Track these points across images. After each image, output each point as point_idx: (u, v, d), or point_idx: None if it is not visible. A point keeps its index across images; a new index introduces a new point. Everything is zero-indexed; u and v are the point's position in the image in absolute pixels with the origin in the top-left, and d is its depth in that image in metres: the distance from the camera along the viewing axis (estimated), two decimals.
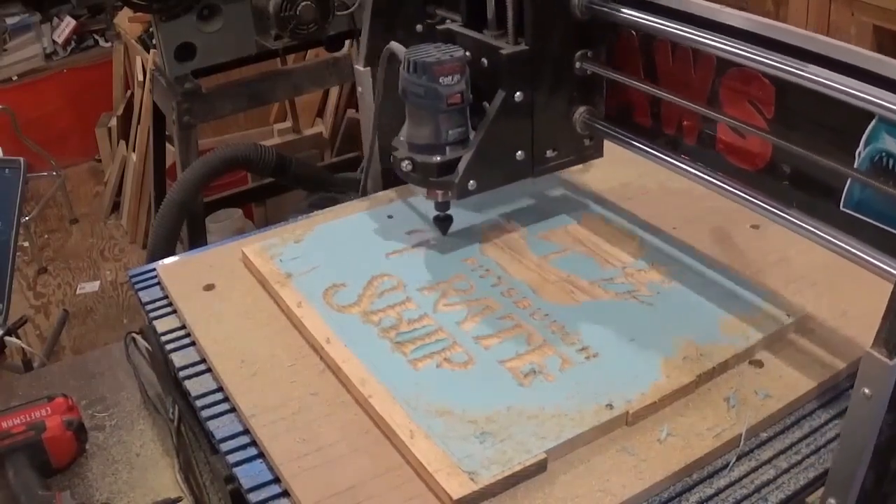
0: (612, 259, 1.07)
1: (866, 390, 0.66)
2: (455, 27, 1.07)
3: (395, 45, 1.06)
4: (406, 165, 1.02)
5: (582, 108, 1.06)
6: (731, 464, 0.81)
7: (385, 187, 1.27)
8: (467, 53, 1.00)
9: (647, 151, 1.00)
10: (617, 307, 0.98)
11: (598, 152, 1.12)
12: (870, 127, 0.78)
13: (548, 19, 1.00)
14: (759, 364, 0.91)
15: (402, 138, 1.03)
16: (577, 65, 1.04)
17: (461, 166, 1.00)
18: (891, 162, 0.78)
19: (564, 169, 1.12)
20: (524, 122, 1.03)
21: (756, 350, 0.92)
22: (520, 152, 1.04)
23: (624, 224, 1.14)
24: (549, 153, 1.07)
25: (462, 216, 1.17)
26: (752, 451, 0.83)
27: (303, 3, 1.95)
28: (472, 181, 1.01)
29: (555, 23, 1.00)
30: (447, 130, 1.00)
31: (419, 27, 1.21)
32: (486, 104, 1.01)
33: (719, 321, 0.95)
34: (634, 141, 1.02)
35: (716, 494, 0.79)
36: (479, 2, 1.04)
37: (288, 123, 3.08)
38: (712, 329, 0.93)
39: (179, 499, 0.97)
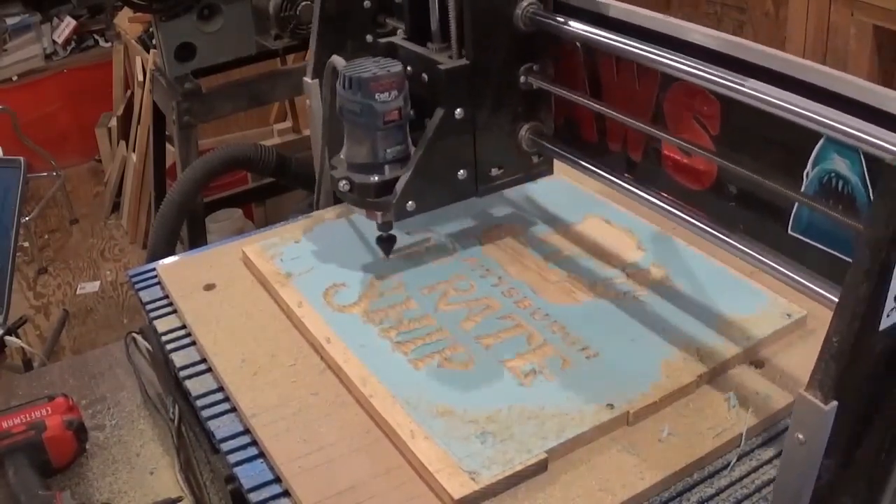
0: (612, 259, 1.07)
1: (800, 436, 0.61)
2: (397, 40, 1.04)
3: (335, 59, 1.03)
4: (343, 185, 0.98)
5: (528, 125, 1.03)
6: (731, 463, 0.81)
7: (336, 202, 1.23)
8: (408, 68, 0.97)
9: (594, 172, 0.96)
10: (617, 307, 0.98)
11: (548, 169, 1.08)
12: (818, 146, 0.75)
13: (489, 31, 0.95)
14: (760, 364, 0.91)
15: (341, 156, 1.00)
16: (522, 79, 1.00)
17: (399, 186, 0.97)
18: (840, 183, 0.74)
19: (513, 187, 1.08)
20: (466, 139, 0.99)
21: (756, 350, 0.92)
22: (462, 171, 1.01)
23: (624, 224, 1.14)
24: (494, 171, 1.03)
25: (462, 216, 1.17)
26: (752, 450, 0.83)
27: (303, 3, 1.95)
28: (410, 202, 0.97)
29: (497, 35, 0.96)
30: (385, 149, 0.96)
31: (369, 37, 1.16)
32: (427, 121, 0.98)
33: (720, 321, 0.95)
34: (581, 161, 0.97)
35: (716, 494, 0.79)
36: (423, 14, 1.00)
37: (288, 123, 3.08)
38: (712, 329, 0.93)
39: (180, 499, 0.97)
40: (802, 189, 0.78)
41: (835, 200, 0.75)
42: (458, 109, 0.97)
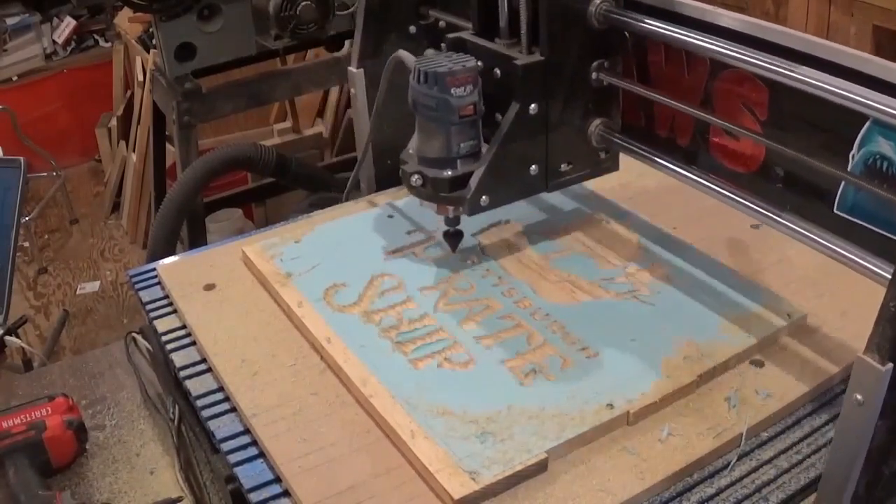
0: (612, 259, 1.07)
1: (858, 396, 0.65)
2: (466, 35, 1.03)
3: (403, 54, 1.03)
4: (416, 180, 0.98)
5: (598, 121, 1.03)
6: (731, 463, 0.81)
7: (379, 189, 1.25)
8: (479, 63, 0.97)
9: (666, 166, 0.97)
10: (617, 307, 0.98)
11: (614, 165, 1.08)
12: (863, 129, 0.78)
13: (564, 28, 0.96)
14: (760, 364, 0.91)
15: (410, 151, 1.00)
16: (594, 76, 1.00)
17: (473, 181, 0.97)
18: (885, 165, 0.77)
19: (579, 183, 1.08)
20: (538, 135, 1.00)
21: (756, 350, 0.92)
22: (534, 166, 1.01)
23: (624, 224, 1.14)
24: (563, 167, 1.04)
25: (462, 216, 1.17)
26: (752, 450, 0.83)
27: (303, 3, 1.95)
28: (484, 197, 0.98)
29: (571, 32, 0.97)
30: (459, 143, 0.96)
31: (412, 28, 1.18)
32: (498, 116, 0.98)
33: (720, 321, 0.95)
34: (653, 156, 0.99)
35: (717, 494, 0.79)
36: (491, 10, 1.01)
37: (288, 123, 3.08)
38: (713, 329, 0.93)
39: (180, 499, 0.97)
40: (848, 170, 0.81)
41: (879, 181, 0.77)
42: (533, 105, 0.97)
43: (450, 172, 0.97)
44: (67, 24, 3.95)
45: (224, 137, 3.03)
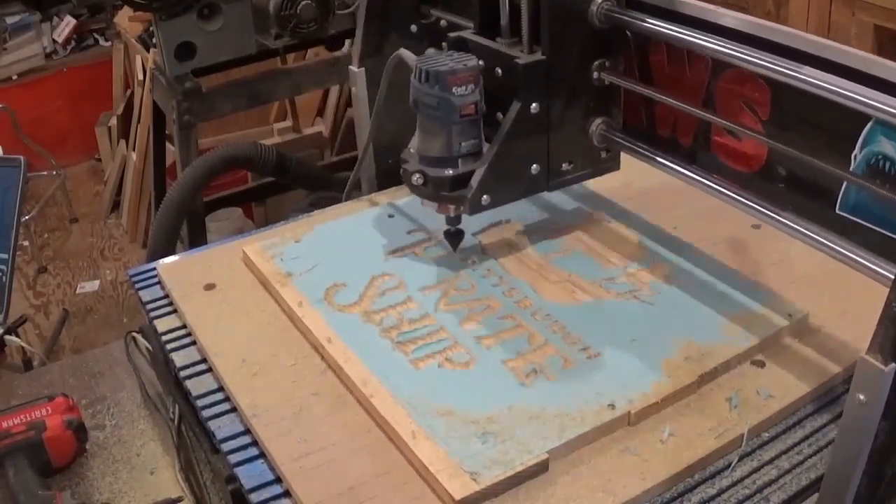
0: (613, 259, 1.07)
1: (861, 396, 0.65)
2: (467, 35, 1.04)
3: (404, 53, 1.03)
4: (417, 179, 0.98)
5: (599, 120, 1.03)
6: (733, 464, 0.81)
7: (380, 188, 1.25)
8: (480, 62, 0.97)
9: (667, 166, 0.97)
10: (618, 307, 0.98)
11: (615, 165, 1.08)
12: (866, 129, 0.77)
13: (565, 28, 0.96)
14: (761, 364, 0.91)
15: (411, 150, 1.00)
16: (595, 75, 1.00)
17: (474, 180, 0.97)
18: (887, 165, 0.77)
19: (580, 182, 1.08)
20: (540, 134, 1.00)
21: (757, 350, 0.92)
22: (535, 166, 1.01)
23: (624, 224, 1.14)
24: (564, 166, 1.04)
25: (462, 215, 1.17)
26: (754, 451, 0.83)
27: (303, 3, 1.95)
28: (485, 196, 0.98)
29: (572, 31, 0.97)
30: (460, 143, 0.96)
31: (414, 27, 1.18)
32: (499, 115, 0.98)
33: (720, 321, 0.94)
34: (655, 155, 0.99)
35: (718, 495, 0.79)
36: (492, 9, 1.00)
37: (288, 123, 3.08)
38: (714, 329, 0.93)
39: (180, 499, 0.97)
40: (851, 170, 0.80)
41: (882, 181, 0.77)
42: (534, 104, 0.97)
43: (451, 171, 0.97)
44: (67, 24, 3.95)
45: (224, 137, 3.02)
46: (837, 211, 0.83)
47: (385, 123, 1.17)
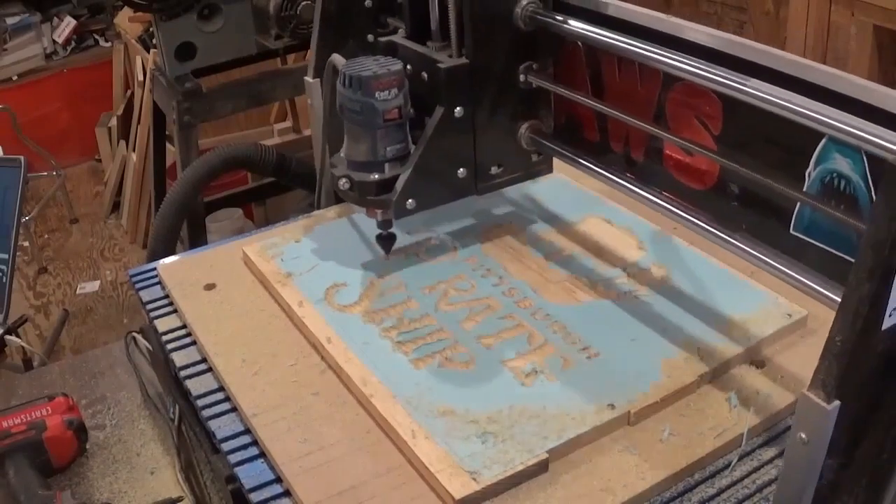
0: (613, 259, 1.07)
1: (803, 435, 0.62)
2: (398, 39, 1.04)
3: (335, 58, 1.03)
4: (343, 183, 0.98)
5: (527, 124, 1.03)
6: (732, 463, 0.81)
7: (337, 202, 1.23)
8: (408, 67, 0.97)
9: (593, 170, 0.96)
10: (618, 307, 0.98)
11: (547, 168, 1.08)
12: (820, 146, 0.75)
13: (489, 30, 0.96)
14: (761, 364, 0.91)
15: (341, 155, 1.00)
16: (522, 78, 1.00)
17: (399, 184, 0.97)
18: (842, 183, 0.74)
19: (513, 186, 1.08)
20: (465, 138, 1.00)
21: (757, 350, 0.92)
22: (461, 169, 1.01)
23: (625, 223, 1.14)
24: (493, 170, 1.04)
25: (462, 215, 1.17)
26: (753, 450, 0.83)
27: (303, 3, 1.95)
28: (411, 200, 0.98)
29: (497, 34, 0.96)
30: (385, 147, 0.96)
31: (371, 37, 1.16)
32: (427, 119, 0.98)
33: (720, 321, 0.94)
34: (580, 159, 0.98)
35: (718, 494, 0.79)
36: (423, 13, 1.01)
37: (288, 123, 3.08)
38: (713, 329, 0.93)
39: (180, 498, 0.97)
40: (805, 189, 0.78)
41: (837, 200, 0.74)
42: (458, 108, 0.98)
43: (376, 176, 0.98)
44: (67, 24, 3.95)
45: (224, 137, 3.02)
46: (792, 231, 0.80)
47: (338, 132, 1.16)
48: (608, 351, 0.91)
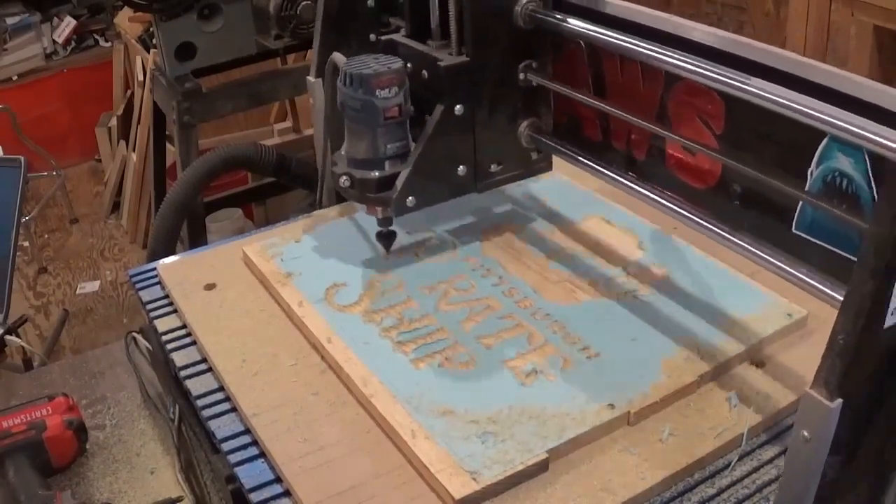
0: (613, 258, 1.07)
1: (805, 433, 0.62)
2: (398, 37, 1.04)
3: (336, 56, 1.03)
4: (344, 181, 0.99)
5: (527, 122, 1.03)
6: (732, 463, 0.81)
7: (338, 201, 1.23)
8: (409, 65, 0.97)
9: (593, 168, 0.96)
10: (618, 307, 0.98)
11: (547, 166, 1.08)
12: (822, 145, 0.75)
13: (489, 29, 0.96)
14: (761, 364, 0.91)
15: (342, 153, 1.01)
16: (521, 76, 1.00)
17: (399, 182, 0.97)
18: (844, 182, 0.74)
19: (513, 185, 1.08)
20: (465, 136, 1.00)
21: (757, 350, 0.92)
22: (461, 167, 1.01)
23: (625, 223, 1.14)
24: (493, 167, 1.04)
25: (463, 215, 1.17)
26: (753, 450, 0.83)
27: (303, 3, 1.95)
28: (410, 197, 0.98)
29: (496, 32, 0.96)
30: (385, 145, 0.97)
31: (372, 36, 1.16)
32: (427, 117, 0.98)
33: (720, 321, 0.94)
34: (580, 157, 0.98)
35: (717, 494, 0.79)
36: (423, 11, 1.01)
37: (288, 123, 3.07)
38: (713, 329, 0.93)
39: (180, 498, 0.97)
40: (807, 187, 0.78)
41: (839, 199, 0.74)
42: (458, 106, 0.98)
43: (377, 173, 0.98)
44: (67, 24, 3.95)
45: (224, 137, 3.02)
46: (794, 230, 0.80)
47: (339, 130, 1.15)
48: (608, 351, 0.91)
